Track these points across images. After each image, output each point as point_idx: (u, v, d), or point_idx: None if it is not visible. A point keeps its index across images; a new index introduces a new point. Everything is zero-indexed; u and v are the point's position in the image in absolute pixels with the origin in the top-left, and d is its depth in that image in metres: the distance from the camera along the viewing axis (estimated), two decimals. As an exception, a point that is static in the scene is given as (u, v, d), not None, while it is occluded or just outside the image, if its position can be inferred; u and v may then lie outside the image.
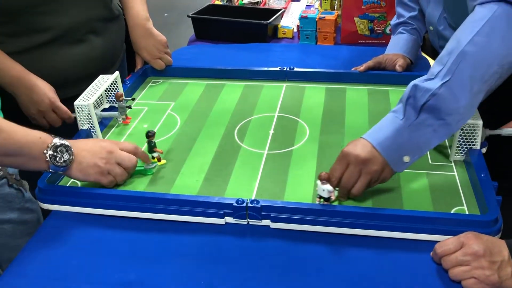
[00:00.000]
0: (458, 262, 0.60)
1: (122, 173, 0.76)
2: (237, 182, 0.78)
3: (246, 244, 0.69)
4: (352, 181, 0.70)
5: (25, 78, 0.93)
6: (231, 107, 1.01)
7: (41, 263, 0.66)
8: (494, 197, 0.69)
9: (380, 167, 0.69)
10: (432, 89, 0.67)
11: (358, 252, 0.66)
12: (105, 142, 0.77)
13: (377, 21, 1.32)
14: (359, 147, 0.70)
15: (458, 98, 0.67)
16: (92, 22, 1.03)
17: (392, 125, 0.69)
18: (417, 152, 0.70)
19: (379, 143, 0.69)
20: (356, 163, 0.69)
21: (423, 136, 0.69)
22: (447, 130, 0.69)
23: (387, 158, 0.69)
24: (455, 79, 0.66)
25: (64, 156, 0.70)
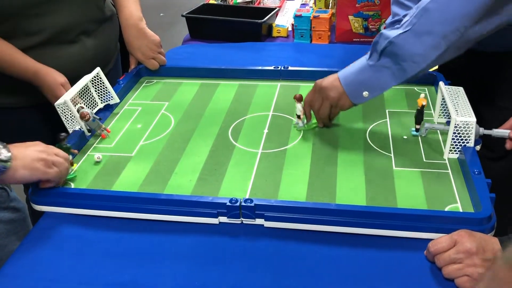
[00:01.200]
0: (451, 260, 0.60)
1: (63, 162, 0.73)
2: (231, 181, 0.78)
3: (240, 243, 0.68)
4: (317, 104, 0.86)
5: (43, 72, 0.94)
6: (225, 107, 1.01)
7: (34, 264, 0.66)
8: (488, 194, 0.69)
9: (338, 95, 0.84)
10: (390, 36, 0.76)
11: (352, 251, 0.66)
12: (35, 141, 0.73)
13: (372, 19, 1.32)
14: (326, 79, 0.85)
15: (412, 47, 0.75)
16: (84, 23, 1.02)
17: (359, 64, 0.82)
18: (376, 90, 0.82)
19: (344, 77, 0.83)
20: (319, 90, 0.85)
21: (382, 77, 0.80)
22: (403, 74, 0.78)
23: (346, 89, 0.83)
24: (413, 30, 0.75)
25: (2, 152, 0.66)
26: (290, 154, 0.84)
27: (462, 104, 0.82)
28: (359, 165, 0.80)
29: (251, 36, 1.40)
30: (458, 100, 0.83)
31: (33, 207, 0.76)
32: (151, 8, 4.05)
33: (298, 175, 0.79)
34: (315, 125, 0.91)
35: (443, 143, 0.85)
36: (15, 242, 0.84)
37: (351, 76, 0.82)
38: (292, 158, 0.83)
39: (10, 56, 0.92)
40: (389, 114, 0.95)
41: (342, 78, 0.83)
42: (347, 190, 0.75)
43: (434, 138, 0.86)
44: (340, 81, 0.83)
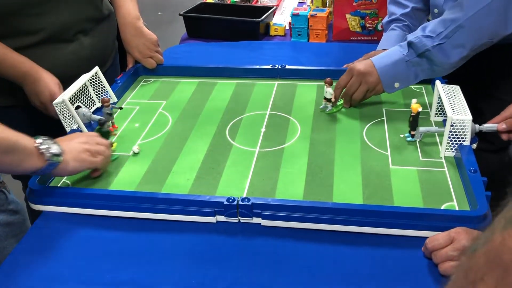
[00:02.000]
0: (448, 257, 0.60)
1: (105, 150, 0.78)
2: (229, 180, 0.78)
3: (237, 242, 0.69)
4: (353, 88, 0.93)
5: (33, 71, 0.94)
6: (223, 106, 1.01)
7: (33, 263, 0.66)
8: (484, 192, 0.69)
9: (376, 80, 0.92)
10: (428, 46, 0.87)
11: (349, 249, 0.67)
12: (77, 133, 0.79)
13: (369, 18, 1.32)
14: (361, 64, 0.93)
15: (448, 58, 0.88)
16: (81, 22, 1.02)
17: (395, 56, 0.91)
18: (406, 83, 0.92)
19: (380, 66, 0.91)
20: (358, 74, 0.92)
21: (414, 72, 0.91)
22: (432, 74, 0.92)
23: (382, 78, 0.91)
24: (448, 43, 0.86)
25: (53, 147, 0.70)
26: (287, 153, 0.84)
27: (458, 102, 0.82)
28: (356, 163, 0.80)
29: (248, 35, 1.40)
30: (454, 98, 0.83)
31: (31, 207, 0.76)
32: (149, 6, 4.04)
33: (295, 173, 0.79)
34: (341, 106, 0.97)
35: (439, 141, 0.85)
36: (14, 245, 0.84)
37: (387, 67, 0.91)
38: (290, 156, 0.83)
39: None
40: (386, 112, 0.95)
41: (378, 67, 0.91)
42: (344, 189, 0.75)
43: (430, 137, 0.87)
44: (376, 69, 0.91)
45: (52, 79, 0.95)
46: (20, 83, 0.95)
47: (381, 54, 0.93)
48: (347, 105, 0.96)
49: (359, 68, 0.92)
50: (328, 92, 0.93)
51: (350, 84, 0.93)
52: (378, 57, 0.93)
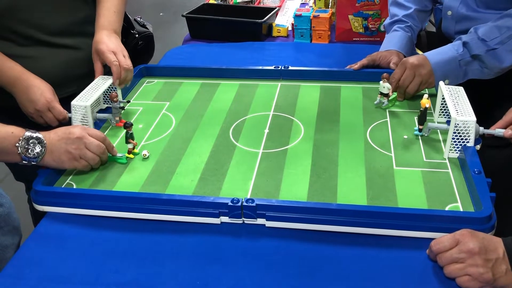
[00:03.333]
0: (453, 259, 0.60)
1: (93, 157, 0.79)
2: (232, 181, 0.78)
3: (241, 243, 0.69)
4: (408, 81, 0.95)
5: (24, 78, 0.93)
6: (226, 107, 1.01)
7: (37, 264, 0.66)
8: (488, 193, 0.69)
9: (429, 73, 0.94)
10: (482, 50, 0.92)
11: (353, 250, 0.67)
12: (75, 128, 0.79)
13: (371, 19, 1.32)
14: (415, 58, 0.95)
15: (500, 62, 0.92)
16: (78, 24, 1.02)
17: (449, 53, 0.94)
18: (455, 80, 0.95)
19: (435, 61, 0.94)
20: (411, 67, 0.95)
21: (464, 71, 0.94)
22: (482, 75, 0.95)
23: (435, 73, 0.94)
24: (502, 49, 0.90)
25: (36, 148, 0.74)
26: (291, 154, 0.84)
27: (462, 103, 0.82)
28: (360, 164, 0.80)
29: (251, 35, 1.40)
30: (458, 99, 0.83)
31: (35, 207, 0.76)
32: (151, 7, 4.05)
33: (299, 174, 0.79)
34: (395, 100, 0.98)
35: (443, 142, 0.85)
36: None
37: (441, 63, 0.94)
38: (293, 157, 0.83)
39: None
40: (390, 113, 0.95)
41: (433, 62, 0.94)
42: (348, 190, 0.75)
43: (434, 138, 0.87)
44: (430, 63, 0.94)
45: (46, 85, 0.94)
46: (10, 89, 0.94)
47: (434, 51, 0.97)
48: (401, 98, 0.98)
49: (412, 61, 0.95)
50: (386, 87, 0.94)
51: (405, 77, 0.95)
52: (431, 52, 0.96)
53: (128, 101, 1.00)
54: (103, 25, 1.00)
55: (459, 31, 1.04)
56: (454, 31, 1.06)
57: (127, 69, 0.96)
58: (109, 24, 1.00)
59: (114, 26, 1.01)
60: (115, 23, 1.02)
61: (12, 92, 0.94)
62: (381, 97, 0.95)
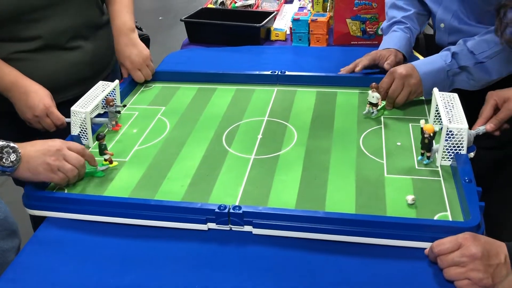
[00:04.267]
0: (455, 262, 0.60)
1: (72, 169, 0.77)
2: (222, 187, 0.78)
3: (228, 250, 0.69)
4: (397, 91, 0.95)
5: (21, 84, 0.94)
6: (221, 112, 1.01)
7: (36, 269, 0.67)
8: (477, 203, 0.68)
9: (418, 83, 0.94)
10: (471, 62, 0.92)
11: (340, 259, 0.66)
12: (53, 141, 0.77)
13: (369, 22, 1.31)
14: (403, 67, 0.95)
15: (487, 76, 0.92)
16: (82, 27, 1.03)
17: (437, 63, 0.94)
18: (443, 89, 0.93)
19: (423, 72, 0.94)
20: (400, 77, 0.94)
21: (451, 81, 0.95)
22: (468, 85, 0.95)
23: (423, 84, 0.94)
24: (490, 63, 0.91)
25: (10, 157, 0.71)
26: (282, 160, 0.84)
27: (455, 110, 0.81)
28: (351, 172, 0.80)
29: (249, 39, 1.40)
30: (452, 106, 0.82)
31: (28, 212, 0.77)
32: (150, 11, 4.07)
33: (289, 181, 0.79)
34: (383, 110, 0.97)
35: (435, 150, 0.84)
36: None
37: (430, 73, 0.94)
38: (284, 164, 0.83)
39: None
40: (384, 120, 0.95)
41: (421, 72, 0.94)
42: (337, 197, 0.75)
43: (427, 145, 0.86)
44: (418, 73, 0.94)
45: (44, 91, 0.95)
46: (7, 95, 0.95)
47: (422, 60, 0.97)
48: (389, 107, 0.97)
49: (400, 71, 0.94)
50: (375, 97, 0.92)
51: (394, 88, 0.94)
52: (419, 62, 0.96)
53: (124, 105, 1.01)
54: (120, 28, 1.08)
55: (452, 42, 1.03)
56: (447, 42, 1.06)
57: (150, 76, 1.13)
58: (124, 26, 1.08)
59: (131, 26, 1.09)
60: (130, 22, 1.09)
61: (10, 98, 0.96)
62: (370, 107, 0.94)
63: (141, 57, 1.09)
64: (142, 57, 1.09)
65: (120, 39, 1.08)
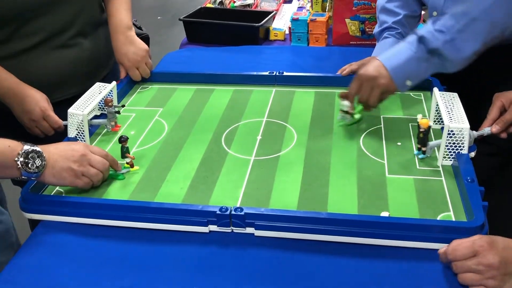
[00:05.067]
0: (471, 270, 0.59)
1: (97, 173, 0.76)
2: (223, 189, 0.77)
3: (230, 252, 0.68)
4: (366, 95, 0.87)
5: (17, 89, 0.93)
6: (219, 113, 1.00)
7: (32, 271, 0.66)
8: (480, 202, 0.68)
9: (388, 81, 0.86)
10: (441, 40, 0.83)
11: (343, 260, 0.66)
12: (77, 145, 0.77)
13: (368, 22, 1.31)
14: (370, 68, 0.87)
15: (460, 52, 0.83)
16: (80, 25, 1.02)
17: (405, 54, 0.86)
18: (417, 79, 0.87)
19: (391, 67, 0.85)
20: (367, 79, 0.86)
21: (425, 68, 0.86)
22: (444, 68, 0.87)
23: (394, 78, 0.85)
24: (461, 38, 0.82)
25: (36, 162, 0.70)
26: (282, 161, 0.84)
27: (456, 110, 0.81)
28: (352, 172, 0.79)
29: (248, 39, 1.40)
30: (452, 106, 0.82)
31: (24, 215, 0.76)
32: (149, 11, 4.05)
33: (290, 182, 0.78)
34: (360, 115, 0.92)
35: (437, 150, 0.84)
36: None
37: (398, 66, 0.86)
38: (285, 165, 0.83)
39: None
40: (384, 120, 0.94)
41: (389, 67, 0.86)
42: (339, 198, 0.74)
43: (429, 144, 0.85)
44: (386, 69, 0.86)
45: (40, 95, 0.94)
46: (5, 101, 0.94)
47: (387, 54, 0.88)
48: (367, 109, 0.91)
49: (367, 73, 0.86)
50: (344, 105, 0.89)
51: (363, 92, 0.87)
52: (385, 57, 0.88)
53: (123, 105, 1.00)
54: (117, 26, 1.07)
55: None
56: None
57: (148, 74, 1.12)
58: (121, 23, 1.07)
59: (128, 24, 1.08)
60: (127, 20, 1.08)
61: (7, 104, 0.95)
62: (343, 113, 0.90)
63: (138, 54, 1.08)
64: (140, 54, 1.08)
65: (117, 37, 1.07)
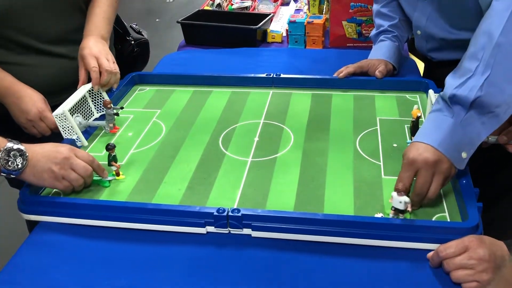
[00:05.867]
0: (462, 265, 0.60)
1: (77, 179, 0.75)
2: (220, 190, 0.78)
3: (227, 253, 0.68)
4: (427, 185, 0.70)
5: (15, 88, 0.93)
6: (217, 114, 1.01)
7: (31, 271, 0.66)
8: (475, 203, 0.69)
9: (449, 164, 0.70)
10: (477, 86, 0.69)
11: (339, 261, 0.66)
12: (63, 147, 0.76)
13: (365, 25, 1.32)
14: (423, 151, 0.70)
15: (503, 90, 0.69)
16: (74, 32, 1.02)
17: (444, 124, 0.71)
18: (471, 147, 0.71)
19: (439, 144, 0.70)
20: (427, 167, 0.69)
21: (474, 130, 0.71)
22: (496, 121, 0.70)
23: (449, 157, 0.70)
24: (496, 72, 0.68)
25: (17, 161, 0.70)
26: (280, 163, 0.84)
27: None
28: (348, 173, 0.80)
29: (246, 41, 1.40)
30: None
31: (22, 216, 0.76)
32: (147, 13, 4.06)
33: (287, 184, 0.78)
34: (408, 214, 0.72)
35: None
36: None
37: (445, 140, 0.70)
38: (282, 166, 0.83)
39: None
40: (380, 122, 0.95)
41: (438, 146, 0.70)
42: (335, 199, 0.74)
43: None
44: (439, 150, 0.70)
45: (37, 95, 0.95)
46: (1, 100, 0.94)
47: (425, 131, 0.72)
48: (416, 206, 0.71)
49: (425, 157, 0.69)
50: (403, 202, 0.66)
51: (423, 182, 0.70)
52: (426, 134, 0.71)
53: (121, 107, 1.00)
54: (90, 31, 1.00)
55: (431, 48, 1.03)
56: (426, 49, 1.06)
57: (109, 72, 0.96)
58: (95, 29, 1.00)
59: (102, 32, 1.01)
60: (103, 29, 1.01)
61: (4, 103, 0.95)
62: (395, 214, 0.69)
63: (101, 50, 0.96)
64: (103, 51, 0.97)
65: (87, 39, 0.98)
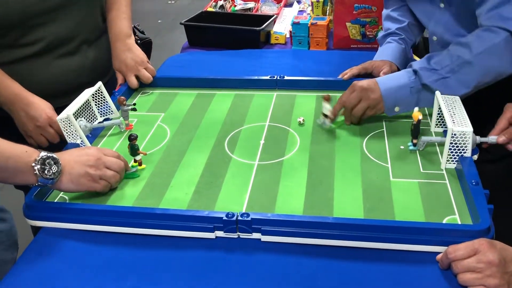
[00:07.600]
0: (470, 268, 0.60)
1: (114, 175, 0.76)
2: (228, 194, 0.77)
3: (237, 258, 0.68)
4: (353, 102, 0.90)
5: (23, 95, 0.94)
6: (221, 117, 1.00)
7: (35, 276, 0.66)
8: (486, 205, 0.68)
9: (378, 98, 0.89)
10: (433, 79, 0.86)
11: (349, 264, 0.66)
12: (90, 149, 0.77)
13: (369, 26, 1.32)
14: (365, 81, 0.91)
15: (451, 92, 0.86)
16: (84, 33, 1.03)
17: (401, 80, 0.89)
18: (406, 108, 0.90)
19: (385, 87, 0.89)
20: (360, 90, 0.90)
21: (416, 99, 0.89)
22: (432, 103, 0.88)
23: (384, 99, 0.89)
24: (454, 78, 0.85)
25: (52, 169, 0.70)
26: (286, 166, 0.84)
27: (458, 113, 0.81)
28: (356, 176, 0.79)
29: (249, 43, 1.40)
30: (455, 109, 0.82)
31: (28, 223, 0.75)
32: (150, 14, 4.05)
33: (295, 187, 0.78)
34: (341, 123, 0.94)
35: (440, 153, 0.84)
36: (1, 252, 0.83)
37: (392, 89, 0.88)
38: (289, 169, 0.82)
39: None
40: (386, 123, 0.94)
41: (382, 87, 0.89)
42: (345, 202, 0.74)
43: (431, 148, 0.86)
44: (379, 88, 0.89)
45: (45, 103, 0.95)
46: (8, 108, 0.94)
47: (387, 76, 0.92)
48: (347, 121, 0.93)
49: (361, 84, 0.90)
50: (326, 108, 0.91)
51: (351, 98, 0.90)
52: (383, 78, 0.92)
53: (134, 103, 1.00)
54: (116, 34, 1.07)
55: None
56: None
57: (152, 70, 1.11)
58: (120, 32, 1.07)
59: (128, 32, 1.09)
60: (127, 29, 1.09)
61: (10, 111, 0.95)
62: (324, 118, 0.92)
63: (136, 60, 1.07)
64: (137, 60, 1.08)
65: (116, 45, 1.07)
